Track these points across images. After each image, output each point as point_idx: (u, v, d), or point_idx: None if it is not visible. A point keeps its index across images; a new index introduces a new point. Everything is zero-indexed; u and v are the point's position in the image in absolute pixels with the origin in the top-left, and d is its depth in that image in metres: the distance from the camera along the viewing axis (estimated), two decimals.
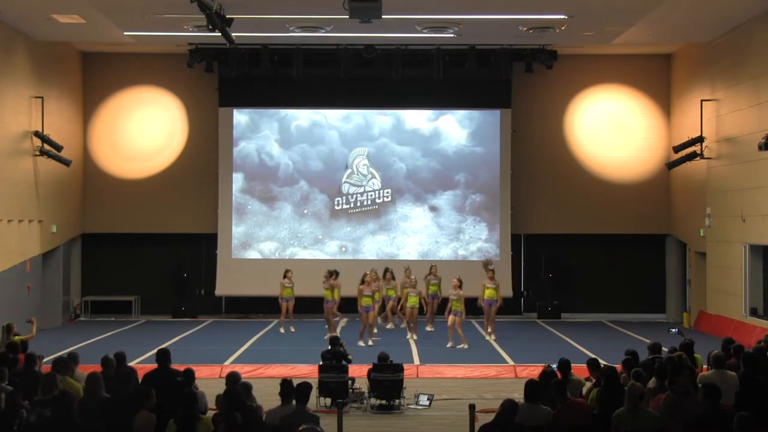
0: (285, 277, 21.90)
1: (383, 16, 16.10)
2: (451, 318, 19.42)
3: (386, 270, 22.59)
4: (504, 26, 21.42)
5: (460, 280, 19.66)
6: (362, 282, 20.12)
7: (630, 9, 19.48)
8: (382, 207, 26.11)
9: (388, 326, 22.69)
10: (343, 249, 25.97)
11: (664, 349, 12.89)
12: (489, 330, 21.15)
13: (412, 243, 26.11)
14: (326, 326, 21.28)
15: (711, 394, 8.95)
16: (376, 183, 26.14)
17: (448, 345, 19.54)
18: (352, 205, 26.14)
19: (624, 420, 9.00)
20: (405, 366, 14.34)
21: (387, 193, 26.13)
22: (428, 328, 22.20)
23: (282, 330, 22.11)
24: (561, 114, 26.51)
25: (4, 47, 21.08)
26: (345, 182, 26.16)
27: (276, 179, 26.15)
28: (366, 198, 26.16)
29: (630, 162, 26.38)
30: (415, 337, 20.68)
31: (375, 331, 20.78)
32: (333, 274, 20.88)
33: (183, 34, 22.12)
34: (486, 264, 21.93)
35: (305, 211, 26.08)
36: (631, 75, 26.41)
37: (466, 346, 19.36)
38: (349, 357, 14.56)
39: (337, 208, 26.07)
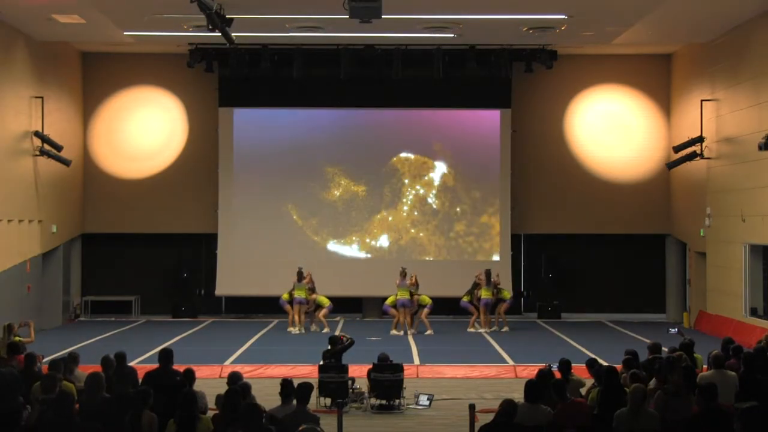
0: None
1: (383, 16, 16.10)
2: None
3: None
4: (504, 26, 21.42)
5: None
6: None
7: (630, 9, 19.48)
8: (382, 208, 26.10)
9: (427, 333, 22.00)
10: (338, 254, 25.98)
11: (664, 349, 12.88)
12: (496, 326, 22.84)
13: (412, 243, 26.10)
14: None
15: (706, 394, 8.95)
16: (377, 183, 26.12)
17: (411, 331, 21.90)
18: (351, 206, 26.12)
19: (625, 420, 9.00)
20: (405, 366, 14.35)
21: (388, 193, 26.13)
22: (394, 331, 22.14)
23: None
24: (561, 114, 26.50)
25: (4, 47, 21.09)
26: (344, 182, 26.15)
27: (276, 179, 26.10)
28: (366, 198, 26.14)
29: (630, 162, 26.37)
30: (412, 330, 22.04)
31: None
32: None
33: (183, 34, 22.13)
34: (488, 274, 22.71)
35: (303, 213, 26.08)
36: (631, 75, 26.39)
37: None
38: (350, 339, 14.77)
39: (335, 209, 26.06)
